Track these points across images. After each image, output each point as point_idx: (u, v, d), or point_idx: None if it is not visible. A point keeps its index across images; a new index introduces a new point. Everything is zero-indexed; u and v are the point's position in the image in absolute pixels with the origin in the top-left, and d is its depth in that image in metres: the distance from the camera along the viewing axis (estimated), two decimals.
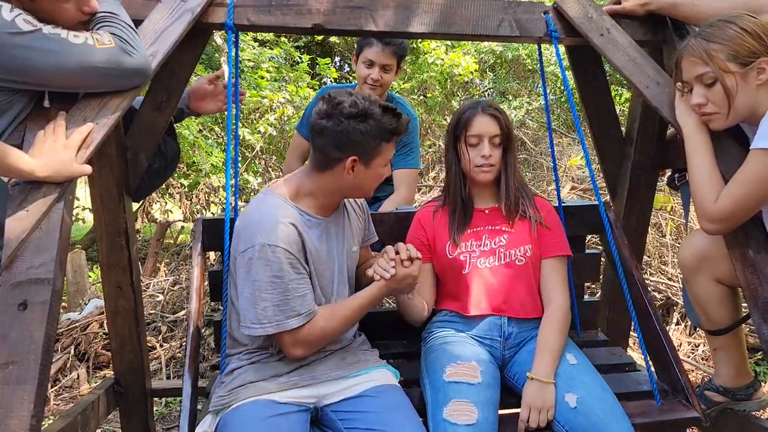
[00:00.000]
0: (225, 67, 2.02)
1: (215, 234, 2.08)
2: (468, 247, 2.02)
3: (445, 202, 2.12)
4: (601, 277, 2.66)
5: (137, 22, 1.83)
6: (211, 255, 4.47)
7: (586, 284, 2.66)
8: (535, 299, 2.01)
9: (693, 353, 3.74)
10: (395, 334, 2.34)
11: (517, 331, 1.98)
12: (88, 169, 1.65)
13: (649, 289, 4.25)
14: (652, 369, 2.01)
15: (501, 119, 2.00)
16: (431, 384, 1.83)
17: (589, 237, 3.35)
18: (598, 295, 2.67)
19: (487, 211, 2.07)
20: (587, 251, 2.46)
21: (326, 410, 1.75)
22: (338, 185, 1.76)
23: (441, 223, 2.09)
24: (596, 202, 2.21)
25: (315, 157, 1.76)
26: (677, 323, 4.02)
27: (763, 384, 2.75)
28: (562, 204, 2.31)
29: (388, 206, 2.84)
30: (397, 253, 1.76)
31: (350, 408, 1.72)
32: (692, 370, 3.59)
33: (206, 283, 2.19)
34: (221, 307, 2.07)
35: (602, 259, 2.60)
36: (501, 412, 1.79)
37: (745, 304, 1.97)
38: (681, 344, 3.88)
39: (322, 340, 1.74)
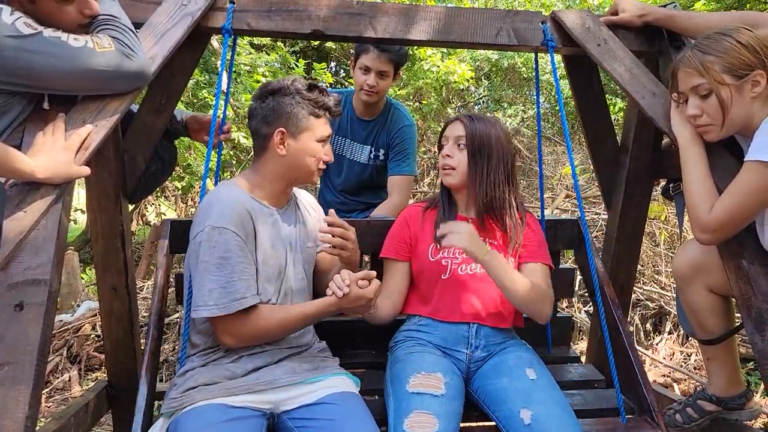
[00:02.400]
0: (224, 75, 2.03)
1: (183, 236, 2.01)
2: (450, 253, 2.02)
3: (433, 205, 2.13)
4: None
5: (138, 25, 1.84)
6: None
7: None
8: (510, 311, 2.02)
9: (686, 362, 3.76)
10: (363, 345, 2.35)
11: (484, 343, 1.97)
12: (87, 170, 1.65)
13: (643, 298, 4.29)
14: (619, 386, 1.99)
15: (468, 124, 2.00)
16: (394, 394, 1.80)
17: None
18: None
19: (470, 221, 2.05)
20: (561, 266, 2.47)
21: (283, 417, 1.71)
22: (277, 167, 1.80)
23: (427, 224, 2.09)
24: (574, 218, 2.26)
25: (253, 142, 1.84)
26: (670, 332, 4.04)
27: (755, 393, 2.77)
28: (544, 218, 2.32)
29: (379, 211, 2.85)
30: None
31: (307, 415, 1.68)
32: (685, 379, 3.61)
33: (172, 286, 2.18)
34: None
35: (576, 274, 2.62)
36: (463, 424, 1.78)
37: (738, 314, 1.98)
38: (674, 353, 3.90)
39: (256, 334, 1.71)
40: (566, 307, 4.37)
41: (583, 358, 2.64)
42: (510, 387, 1.81)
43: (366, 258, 1.88)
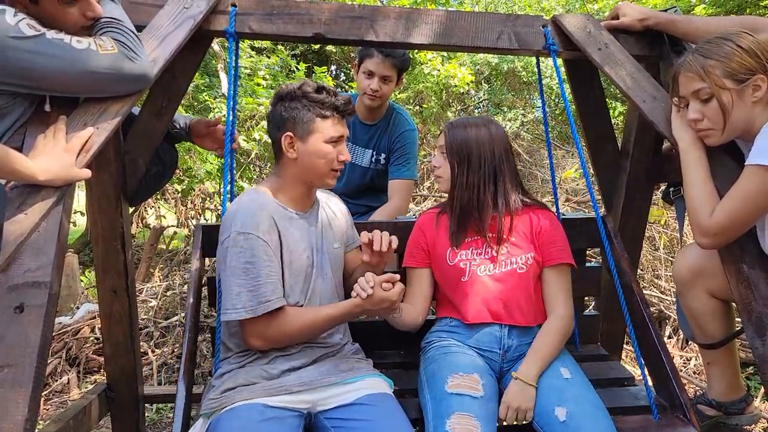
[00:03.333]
0: (223, 75, 2.04)
1: (215, 240, 2.06)
2: (468, 255, 2.02)
3: (446, 209, 2.14)
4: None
5: (139, 28, 1.84)
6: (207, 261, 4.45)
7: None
8: (535, 307, 2.01)
9: (686, 367, 3.75)
10: (392, 345, 2.34)
11: (517, 344, 1.97)
12: (88, 173, 1.65)
13: None
14: (650, 384, 2.00)
15: (448, 134, 2.04)
16: (432, 394, 1.82)
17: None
18: (591, 306, 2.66)
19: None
20: (587, 264, 2.47)
21: (320, 417, 1.74)
22: (292, 171, 1.83)
23: (442, 229, 2.10)
24: (594, 215, 2.23)
25: (272, 148, 1.88)
26: (669, 336, 4.03)
27: (755, 398, 2.77)
28: (562, 217, 2.31)
29: (379, 215, 2.85)
30: (374, 243, 1.82)
31: (344, 415, 1.71)
32: (685, 384, 3.59)
33: (204, 289, 2.19)
34: (215, 314, 2.07)
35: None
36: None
37: (738, 319, 1.99)
38: (674, 357, 3.90)
39: (282, 337, 1.75)
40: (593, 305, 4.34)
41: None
42: (544, 385, 1.83)
43: (395, 242, 1.95)
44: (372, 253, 1.85)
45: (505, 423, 1.77)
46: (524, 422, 1.79)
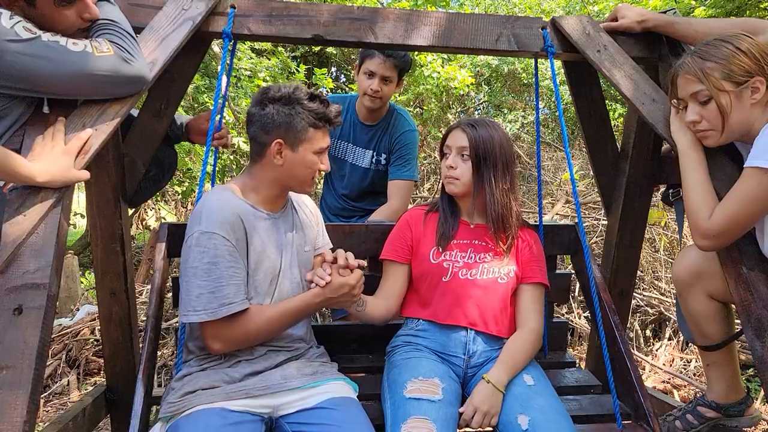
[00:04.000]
0: (223, 77, 2.03)
1: (181, 239, 1.96)
2: (452, 257, 2.02)
3: (435, 208, 2.13)
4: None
5: (138, 30, 1.84)
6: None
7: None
8: (508, 320, 2.02)
9: (685, 368, 3.75)
10: (360, 349, 2.35)
11: (482, 350, 1.97)
12: (86, 174, 1.65)
13: (642, 304, 4.29)
14: (615, 392, 1.98)
15: (472, 135, 1.99)
16: (392, 399, 1.81)
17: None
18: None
19: (472, 226, 2.08)
20: (557, 271, 2.46)
21: (281, 421, 1.71)
22: (273, 174, 1.78)
23: (430, 227, 2.09)
24: (571, 223, 2.27)
25: (250, 147, 1.82)
26: (669, 338, 4.03)
27: (755, 400, 2.76)
28: (533, 223, 2.29)
29: (378, 216, 2.85)
30: (334, 261, 1.76)
31: (305, 420, 1.68)
32: (685, 386, 3.60)
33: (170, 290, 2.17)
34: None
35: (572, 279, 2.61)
36: (460, 430, 1.79)
37: (738, 321, 1.98)
38: (673, 359, 3.90)
39: (244, 338, 1.71)
40: (565, 312, 4.36)
41: (583, 364, 2.63)
42: (507, 393, 1.82)
43: (364, 262, 1.89)
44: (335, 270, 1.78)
45: (468, 428, 1.76)
46: (488, 428, 1.78)
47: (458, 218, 2.09)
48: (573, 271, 2.50)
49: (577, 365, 2.41)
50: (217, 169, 4.69)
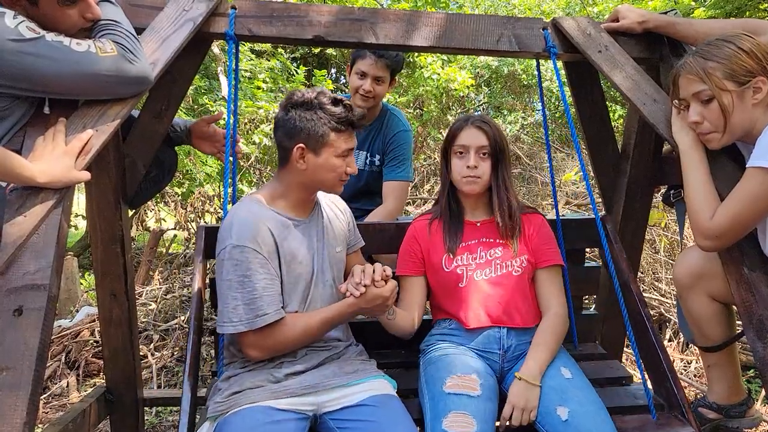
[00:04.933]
0: (223, 78, 2.03)
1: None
2: (464, 260, 2.03)
3: (438, 215, 2.13)
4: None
5: (139, 31, 1.84)
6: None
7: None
8: (532, 309, 2.02)
9: (686, 370, 3.74)
10: (393, 345, 2.33)
11: (516, 343, 1.98)
12: (87, 175, 1.64)
13: None
14: (648, 383, 2.00)
15: (490, 132, 2.01)
16: (430, 395, 1.83)
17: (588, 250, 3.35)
18: (593, 308, 2.66)
19: (478, 224, 2.08)
20: (586, 264, 2.46)
21: (325, 418, 1.75)
22: (298, 179, 1.80)
23: (436, 236, 2.09)
24: (594, 216, 2.22)
25: (278, 152, 1.84)
26: (670, 339, 4.03)
27: (756, 401, 2.76)
28: (562, 218, 2.31)
29: (374, 217, 2.84)
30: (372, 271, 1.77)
31: (349, 416, 1.72)
32: (685, 387, 3.59)
33: (208, 290, 2.18)
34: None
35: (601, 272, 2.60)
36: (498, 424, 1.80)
37: (739, 322, 1.98)
38: (674, 360, 3.89)
39: (280, 346, 1.75)
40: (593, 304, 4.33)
41: None
42: (546, 385, 1.83)
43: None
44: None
45: (508, 424, 1.77)
46: (528, 422, 1.79)
47: (462, 219, 2.09)
48: (600, 263, 2.48)
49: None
50: (217, 171, 4.70)
